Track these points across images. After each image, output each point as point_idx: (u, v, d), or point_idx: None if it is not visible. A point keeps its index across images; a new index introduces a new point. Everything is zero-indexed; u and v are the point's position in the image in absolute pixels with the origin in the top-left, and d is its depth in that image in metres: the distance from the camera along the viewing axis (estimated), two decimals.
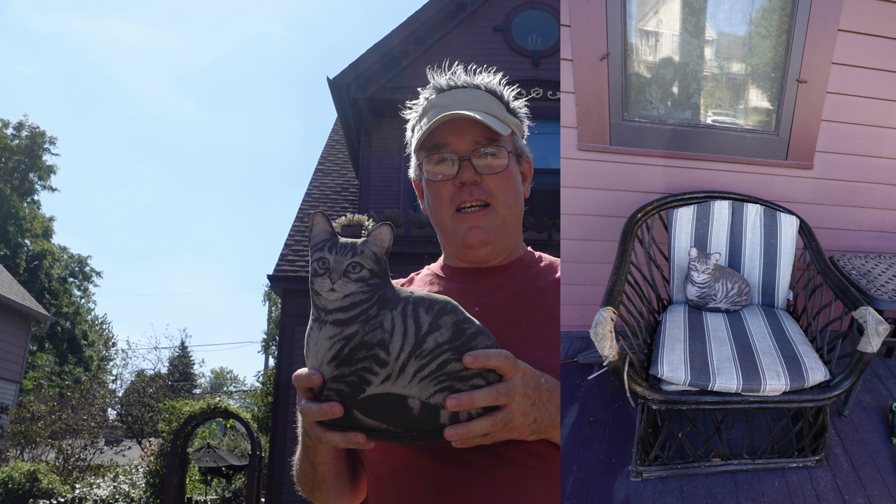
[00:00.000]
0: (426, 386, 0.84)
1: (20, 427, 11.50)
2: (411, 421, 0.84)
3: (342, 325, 0.85)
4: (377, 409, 0.84)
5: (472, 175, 1.10)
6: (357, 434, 0.84)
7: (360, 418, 0.84)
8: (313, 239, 0.90)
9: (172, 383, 23.06)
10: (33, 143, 27.48)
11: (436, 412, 0.84)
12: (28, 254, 27.35)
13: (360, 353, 0.84)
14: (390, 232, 0.91)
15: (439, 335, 0.85)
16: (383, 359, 0.84)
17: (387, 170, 8.37)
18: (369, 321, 0.85)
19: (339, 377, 0.84)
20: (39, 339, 25.37)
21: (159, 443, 9.88)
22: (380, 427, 0.84)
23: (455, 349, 0.85)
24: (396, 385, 0.84)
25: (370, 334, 0.84)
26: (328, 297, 0.86)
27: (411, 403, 0.84)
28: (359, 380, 0.84)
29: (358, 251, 0.88)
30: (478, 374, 0.85)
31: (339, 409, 0.84)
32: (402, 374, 0.84)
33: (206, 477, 11.73)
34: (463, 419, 0.84)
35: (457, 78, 1.17)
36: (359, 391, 0.84)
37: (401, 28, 8.40)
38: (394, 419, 0.84)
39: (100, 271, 31.46)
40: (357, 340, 0.84)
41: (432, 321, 0.86)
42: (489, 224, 1.11)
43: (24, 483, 9.29)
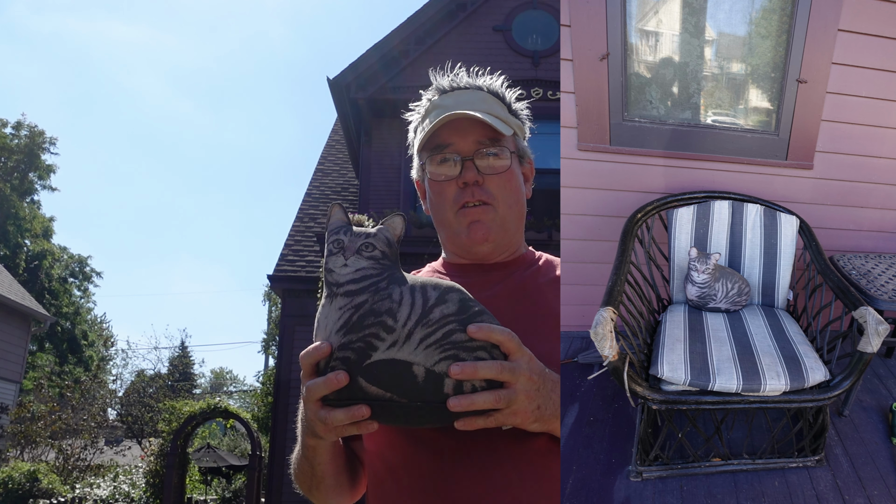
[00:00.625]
0: (431, 353, 0.85)
1: (20, 427, 11.50)
2: (415, 388, 0.84)
3: (352, 295, 0.88)
4: (382, 376, 0.85)
5: (475, 175, 1.11)
6: (361, 406, 0.85)
7: (365, 386, 0.85)
8: (330, 226, 0.95)
9: (172, 383, 23.08)
10: (33, 143, 27.48)
11: (440, 380, 0.85)
12: (28, 254, 27.35)
13: (368, 320, 0.86)
14: (403, 221, 0.96)
15: (445, 307, 0.87)
16: (390, 325, 0.86)
17: (387, 170, 8.38)
18: (379, 292, 0.88)
19: (346, 344, 0.86)
20: (39, 339, 25.38)
21: (159, 443, 9.88)
22: (384, 396, 0.85)
23: (460, 321, 0.87)
24: (402, 351, 0.85)
25: (379, 303, 0.87)
26: (340, 271, 0.89)
27: (416, 370, 0.85)
28: (365, 345, 0.85)
29: (371, 234, 0.92)
30: (482, 348, 0.87)
31: (344, 377, 0.84)
32: (408, 340, 0.85)
33: (206, 477, 11.73)
34: (466, 391, 0.85)
35: (459, 79, 1.18)
36: (365, 357, 0.85)
37: (401, 28, 8.40)
38: (398, 386, 0.85)
39: (100, 271, 31.50)
40: (366, 308, 0.87)
41: (439, 296, 0.88)
42: (490, 220, 1.12)
43: (24, 483, 9.29)
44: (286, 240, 9.15)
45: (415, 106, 1.22)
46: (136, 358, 50.67)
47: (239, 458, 12.58)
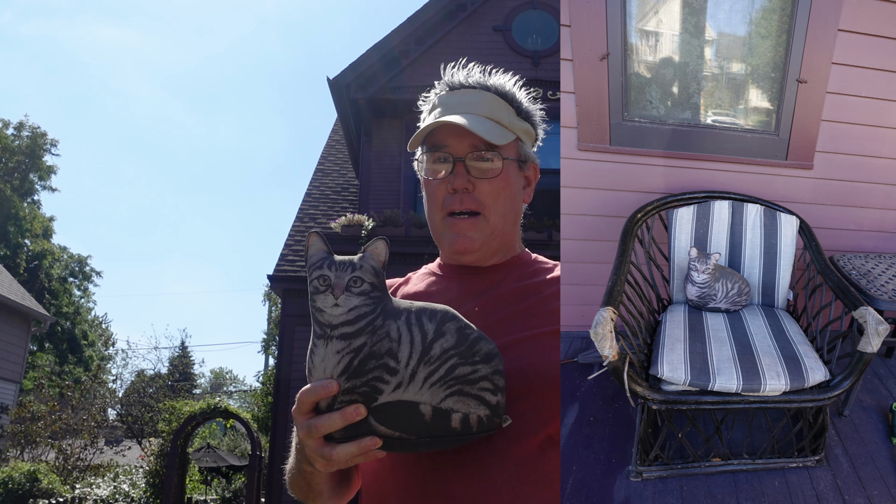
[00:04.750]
0: (437, 391, 0.85)
1: (20, 427, 11.49)
2: (423, 427, 0.85)
3: (349, 338, 0.85)
4: (390, 418, 0.85)
5: (464, 182, 1.10)
6: (371, 438, 0.85)
7: (374, 425, 0.85)
8: (311, 258, 0.90)
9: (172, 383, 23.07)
10: (34, 144, 27.49)
11: (447, 417, 0.85)
12: (28, 254, 27.35)
13: (370, 364, 0.85)
14: (385, 246, 0.92)
15: (444, 341, 0.87)
16: (393, 367, 0.85)
17: (387, 170, 8.37)
18: (376, 332, 0.86)
19: (350, 389, 0.85)
20: (39, 339, 25.38)
21: (159, 443, 9.88)
22: (392, 434, 0.85)
23: (461, 354, 0.87)
24: (408, 392, 0.85)
25: (378, 344, 0.85)
26: (332, 312, 0.86)
27: (423, 409, 0.85)
28: (371, 389, 0.85)
29: (357, 266, 0.89)
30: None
31: (363, 409, 0.84)
32: (412, 381, 0.85)
33: (206, 477, 11.73)
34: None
35: (470, 77, 1.17)
36: (371, 400, 0.85)
37: (401, 28, 8.40)
38: (407, 426, 0.85)
39: (100, 271, 31.51)
40: (366, 351, 0.85)
41: (436, 328, 0.87)
42: (477, 234, 1.12)
43: (24, 483, 9.29)
44: (286, 240, 9.15)
45: (426, 97, 1.21)
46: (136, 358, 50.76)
47: (239, 458, 12.58)
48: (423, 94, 1.22)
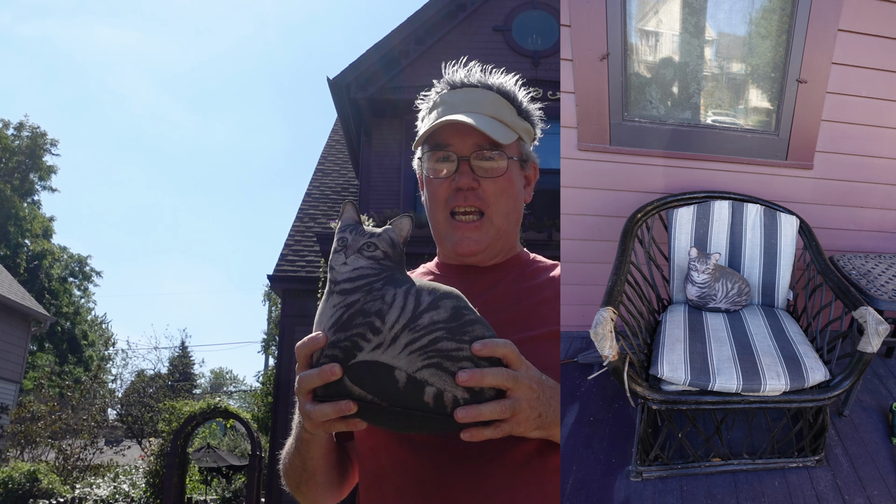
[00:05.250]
0: (414, 359, 0.84)
1: (20, 427, 11.49)
2: (395, 393, 0.84)
3: (347, 293, 0.88)
4: (364, 377, 0.84)
5: (469, 181, 1.10)
6: (347, 402, 0.84)
7: (349, 385, 0.85)
8: (340, 224, 0.96)
9: (172, 383, 23.07)
10: (34, 144, 27.48)
11: (420, 387, 0.84)
12: (28, 254, 27.34)
13: (357, 320, 0.86)
14: (410, 223, 0.97)
15: (436, 314, 0.86)
16: (378, 327, 0.85)
17: (387, 170, 8.37)
18: (372, 292, 0.88)
19: (334, 342, 0.86)
20: (39, 339, 25.36)
21: (159, 443, 9.87)
22: (365, 397, 0.85)
23: (450, 330, 0.86)
24: (386, 354, 0.84)
25: (370, 304, 0.87)
26: (340, 269, 0.90)
27: (397, 375, 0.84)
28: (352, 345, 0.85)
29: (376, 235, 0.93)
30: (468, 358, 0.85)
31: (338, 370, 0.84)
32: (393, 344, 0.85)
33: (206, 477, 11.73)
34: (447, 402, 0.83)
35: (471, 76, 1.16)
36: (350, 356, 0.85)
37: (401, 28, 8.40)
38: (378, 389, 0.84)
39: (100, 271, 31.49)
40: (357, 307, 0.87)
41: (432, 301, 0.88)
42: (482, 236, 1.11)
43: (24, 483, 9.29)
44: (286, 240, 9.16)
45: (425, 95, 1.20)
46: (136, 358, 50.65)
47: (239, 458, 12.58)
48: (423, 93, 1.21)
